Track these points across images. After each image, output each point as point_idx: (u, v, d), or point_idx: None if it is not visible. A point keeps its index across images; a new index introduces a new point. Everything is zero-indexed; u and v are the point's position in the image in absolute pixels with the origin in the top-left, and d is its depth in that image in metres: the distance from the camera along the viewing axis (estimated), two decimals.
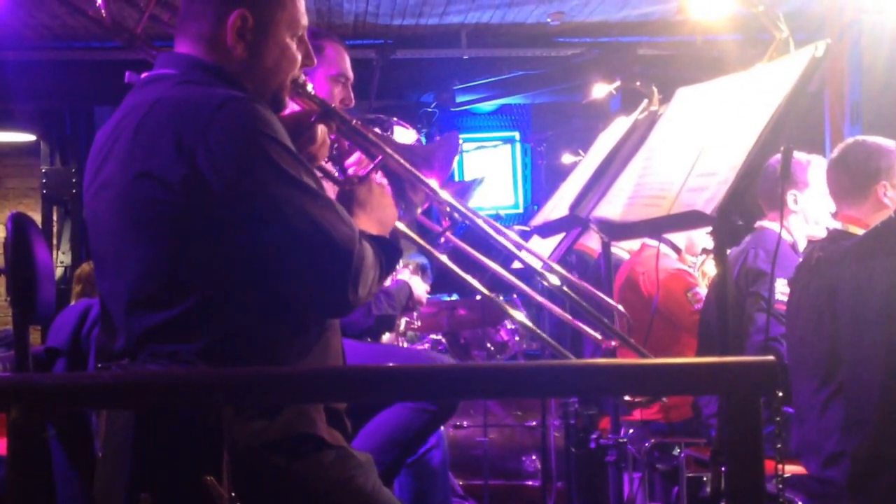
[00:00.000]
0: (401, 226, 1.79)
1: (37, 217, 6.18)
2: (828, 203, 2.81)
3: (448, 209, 1.86)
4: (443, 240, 1.94)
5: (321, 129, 1.74)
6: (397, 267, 3.10)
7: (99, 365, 1.59)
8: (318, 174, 1.64)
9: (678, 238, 3.67)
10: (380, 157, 1.72)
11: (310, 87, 1.73)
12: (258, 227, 1.47)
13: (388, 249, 1.64)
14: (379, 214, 1.70)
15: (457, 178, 5.50)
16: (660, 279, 3.32)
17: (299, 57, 1.67)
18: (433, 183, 1.75)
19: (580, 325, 1.98)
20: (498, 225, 2.16)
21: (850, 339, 2.27)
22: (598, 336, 1.98)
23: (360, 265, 1.51)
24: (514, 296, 4.01)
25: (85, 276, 4.10)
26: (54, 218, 6.32)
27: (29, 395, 1.01)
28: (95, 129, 1.70)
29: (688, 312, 3.43)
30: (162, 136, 1.47)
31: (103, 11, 1.73)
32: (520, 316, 1.89)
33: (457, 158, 1.95)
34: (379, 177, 1.76)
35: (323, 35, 2.40)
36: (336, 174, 1.79)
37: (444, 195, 1.77)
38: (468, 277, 1.85)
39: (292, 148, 1.52)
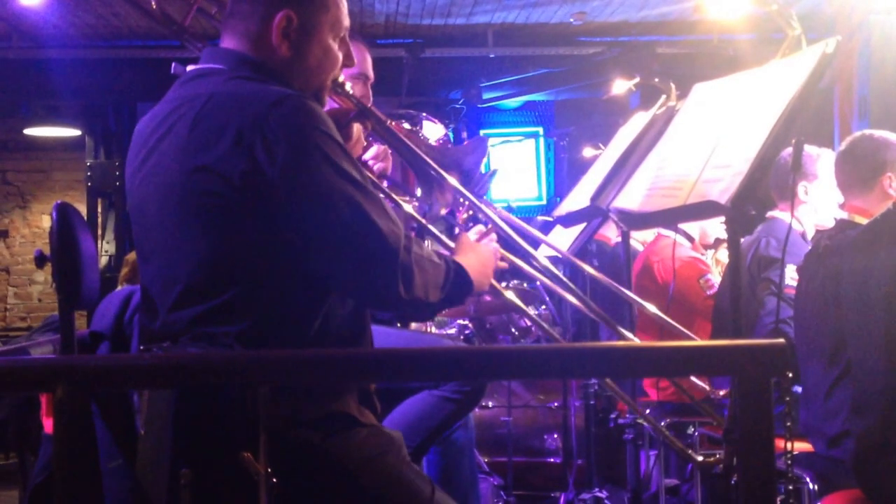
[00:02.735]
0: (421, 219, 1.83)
1: (82, 209, 6.18)
2: (836, 194, 2.83)
3: (480, 215, 1.86)
4: (458, 230, 1.94)
5: (357, 128, 1.79)
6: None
7: (141, 347, 1.62)
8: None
9: (692, 228, 3.73)
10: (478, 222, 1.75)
11: (348, 87, 1.75)
12: (309, 218, 1.49)
13: (461, 276, 1.65)
14: (483, 266, 1.73)
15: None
16: (677, 268, 3.46)
17: (341, 57, 1.69)
18: (455, 181, 1.79)
19: (601, 313, 1.98)
20: (518, 221, 2.15)
21: (853, 325, 2.30)
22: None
23: (411, 262, 1.52)
24: (538, 283, 4.06)
25: (133, 262, 4.19)
26: (99, 209, 6.38)
27: (74, 376, 1.02)
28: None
29: (701, 298, 3.49)
30: (221, 131, 1.48)
31: (153, 2, 1.76)
32: (510, 295, 1.87)
33: (484, 161, 2.00)
34: (488, 239, 1.81)
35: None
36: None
37: (471, 198, 1.79)
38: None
39: (344, 145, 1.55)
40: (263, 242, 1.50)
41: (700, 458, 1.95)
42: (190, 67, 1.69)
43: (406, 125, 2.00)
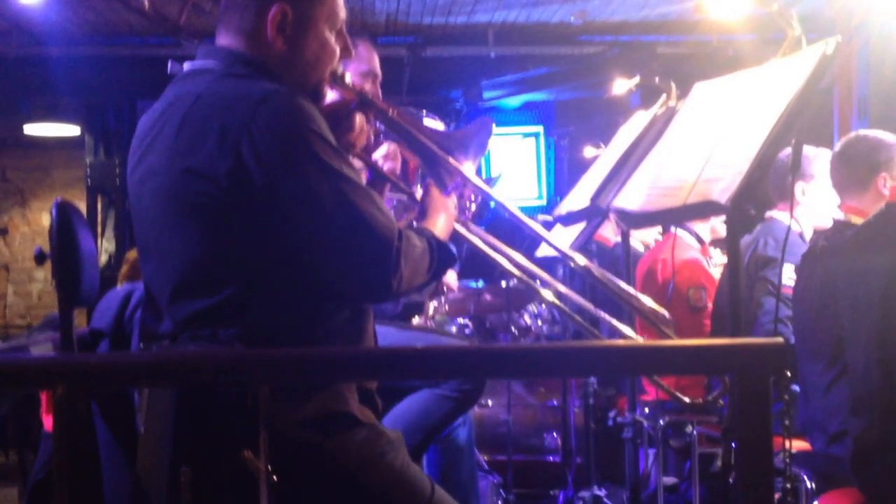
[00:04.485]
0: None
1: (82, 207, 6.15)
2: (833, 195, 2.80)
3: (484, 200, 1.86)
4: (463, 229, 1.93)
5: (359, 119, 1.75)
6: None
7: (142, 345, 1.63)
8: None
9: (702, 229, 3.71)
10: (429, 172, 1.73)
11: (348, 78, 1.73)
12: (300, 218, 1.48)
13: (445, 253, 1.65)
14: (448, 218, 1.75)
15: (483, 172, 5.53)
16: (676, 267, 3.45)
17: (338, 50, 1.66)
18: (468, 168, 1.76)
19: (600, 311, 2.00)
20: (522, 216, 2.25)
21: (849, 325, 2.31)
22: (615, 322, 1.98)
23: (402, 255, 1.52)
24: (538, 282, 4.07)
25: (133, 260, 4.21)
26: (99, 207, 6.39)
27: (74, 374, 1.02)
28: (137, 123, 1.68)
29: (685, 307, 3.44)
30: (207, 131, 1.48)
31: (146, 3, 1.73)
32: (550, 296, 1.86)
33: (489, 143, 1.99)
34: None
35: (355, 34, 2.32)
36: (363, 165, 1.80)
37: (478, 180, 1.80)
38: (501, 260, 1.88)
39: (333, 141, 1.53)
40: (256, 242, 1.50)
41: (687, 400, 1.94)
42: (185, 65, 1.67)
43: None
